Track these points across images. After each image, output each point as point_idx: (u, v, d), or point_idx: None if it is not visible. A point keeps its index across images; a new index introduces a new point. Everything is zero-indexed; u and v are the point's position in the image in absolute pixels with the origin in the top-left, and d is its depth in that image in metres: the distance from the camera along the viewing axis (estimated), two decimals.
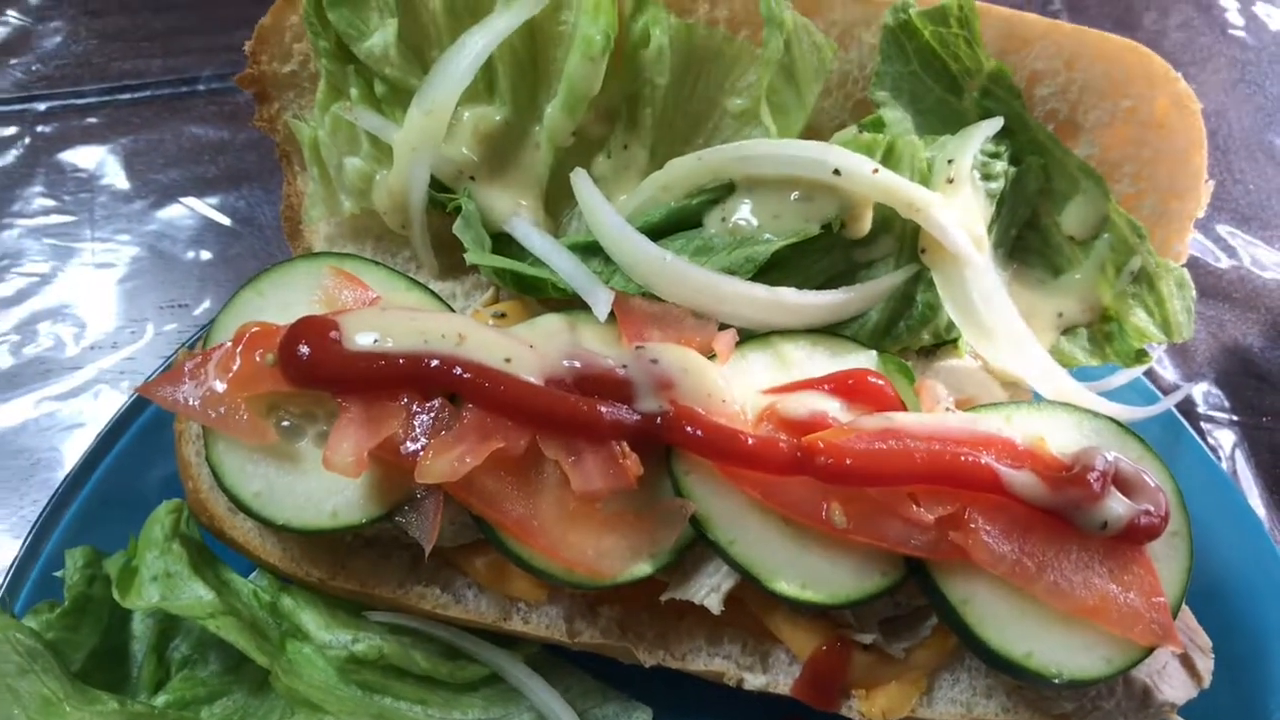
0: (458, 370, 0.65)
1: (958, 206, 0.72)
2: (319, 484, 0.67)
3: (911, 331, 0.76)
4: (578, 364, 0.67)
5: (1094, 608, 0.64)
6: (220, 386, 0.66)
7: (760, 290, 0.71)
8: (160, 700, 0.73)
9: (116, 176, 0.95)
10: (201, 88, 0.98)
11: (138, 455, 0.78)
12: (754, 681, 0.72)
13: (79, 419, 0.85)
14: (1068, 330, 0.78)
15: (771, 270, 0.73)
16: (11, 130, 0.96)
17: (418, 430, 0.65)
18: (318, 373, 0.65)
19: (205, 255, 0.89)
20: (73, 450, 0.81)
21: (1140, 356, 0.77)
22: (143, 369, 0.86)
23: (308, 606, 0.73)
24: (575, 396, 0.66)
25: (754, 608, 0.71)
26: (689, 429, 0.65)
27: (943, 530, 0.64)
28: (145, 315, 0.89)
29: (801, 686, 0.71)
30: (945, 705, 0.73)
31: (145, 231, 0.92)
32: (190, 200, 0.93)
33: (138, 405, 0.79)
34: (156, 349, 0.87)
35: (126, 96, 0.98)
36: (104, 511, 0.77)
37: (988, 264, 0.73)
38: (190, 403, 0.66)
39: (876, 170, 0.70)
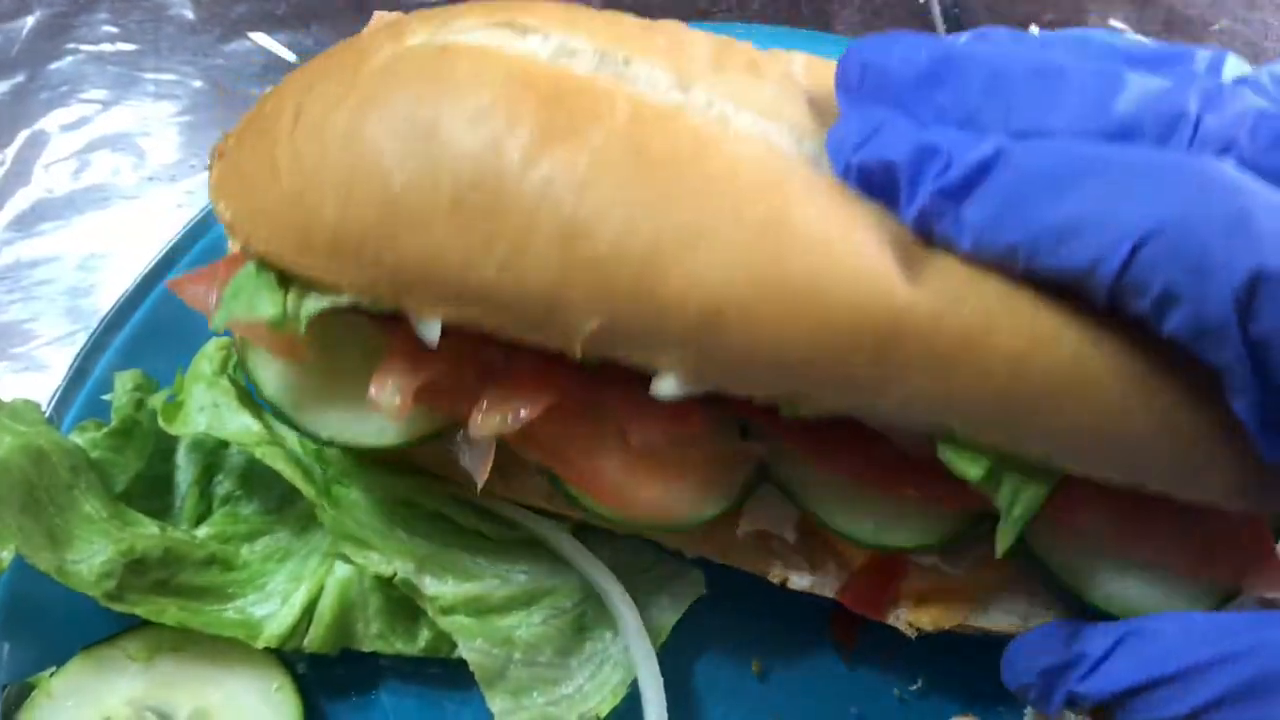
0: None
1: None
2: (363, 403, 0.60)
3: None
4: None
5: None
6: None
7: None
8: (201, 532, 0.71)
9: (184, 6, 0.92)
10: None
11: None
12: (799, 582, 0.66)
13: (133, 248, 0.83)
14: None
15: None
16: None
17: (469, 374, 0.59)
18: None
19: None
20: (125, 278, 0.79)
21: None
22: (201, 202, 0.83)
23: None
24: None
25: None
26: None
27: None
28: (205, 150, 0.86)
29: (849, 593, 0.67)
30: (1000, 615, 0.69)
31: (210, 65, 0.89)
32: (257, 35, 0.90)
33: (192, 235, 0.76)
34: None
35: None
36: (154, 339, 0.74)
37: None
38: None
39: None
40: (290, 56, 0.89)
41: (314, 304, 0.56)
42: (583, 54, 0.54)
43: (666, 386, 0.53)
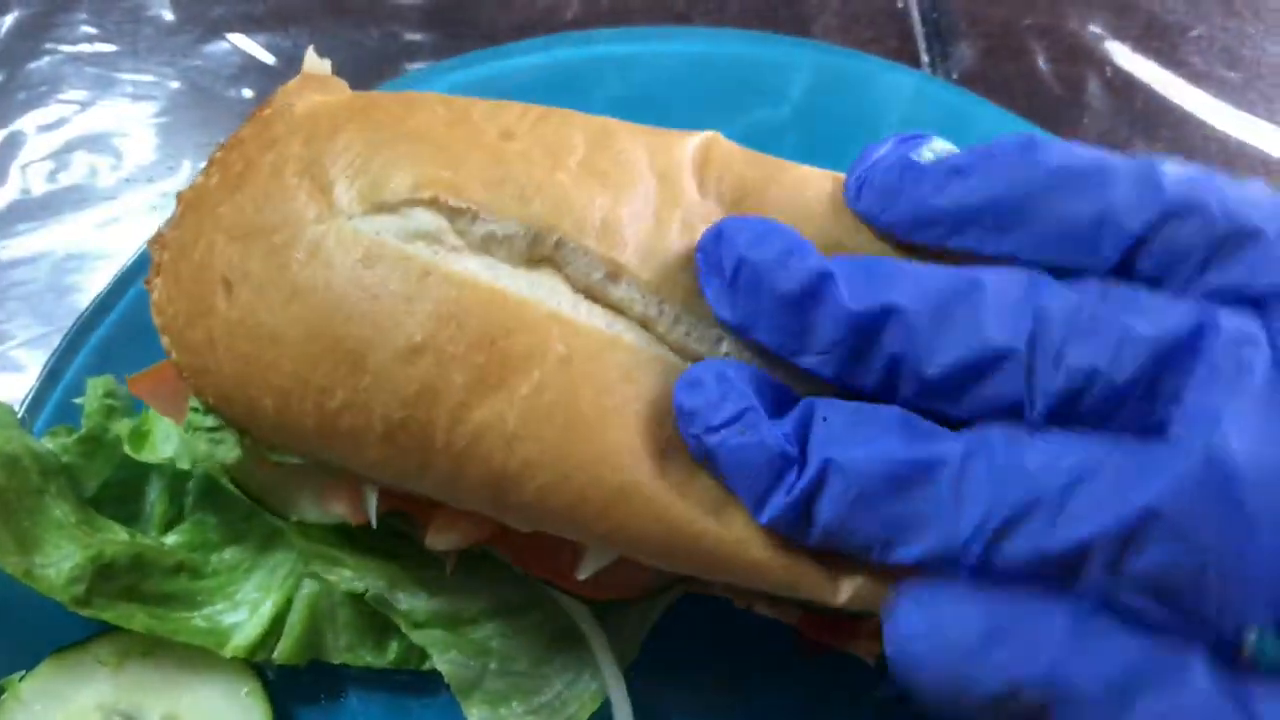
0: None
1: None
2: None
3: None
4: None
5: None
6: None
7: None
8: (170, 539, 0.71)
9: (162, 7, 0.92)
10: None
11: None
12: (763, 610, 0.67)
13: (110, 250, 0.83)
14: None
15: None
16: None
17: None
18: None
19: (247, 94, 0.86)
20: (101, 279, 0.79)
21: None
22: None
23: None
24: None
25: None
26: None
27: None
28: (183, 152, 0.86)
29: (808, 625, 0.66)
30: None
31: (188, 66, 0.89)
32: (236, 37, 0.90)
33: None
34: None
35: None
36: (128, 342, 0.75)
37: None
38: None
39: None
40: (269, 59, 0.88)
41: (273, 455, 0.60)
42: (515, 240, 0.52)
43: (587, 570, 0.59)
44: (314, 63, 0.63)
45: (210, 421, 0.61)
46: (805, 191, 0.53)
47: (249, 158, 0.57)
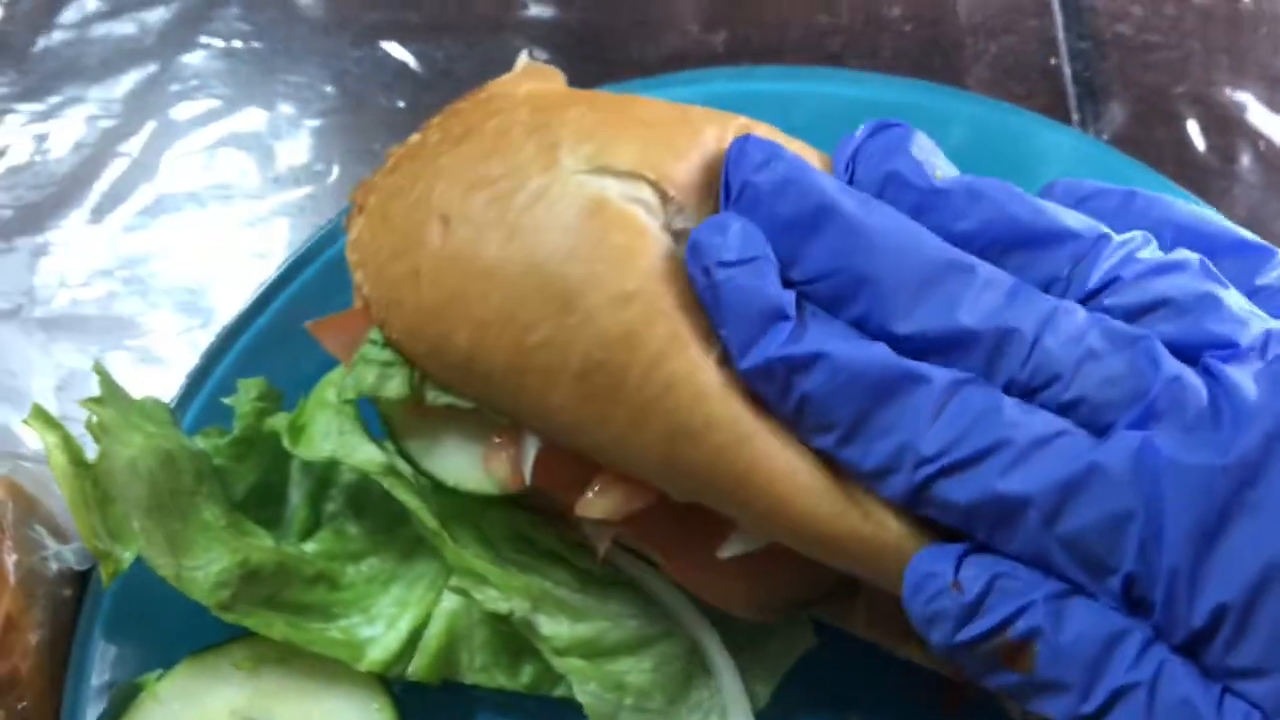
0: None
1: None
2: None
3: None
4: None
5: None
6: None
7: None
8: (309, 547, 0.71)
9: (317, 9, 0.92)
10: None
11: (316, 293, 0.75)
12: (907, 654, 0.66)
13: (254, 249, 0.83)
14: None
15: None
16: None
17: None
18: None
19: (399, 103, 0.86)
20: (244, 278, 0.79)
21: None
22: (325, 209, 0.84)
23: None
24: None
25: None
26: None
27: None
28: (332, 155, 0.86)
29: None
30: None
31: (340, 71, 0.89)
32: (389, 45, 0.90)
33: (320, 243, 0.76)
34: (341, 189, 0.85)
35: None
36: (277, 346, 0.75)
37: None
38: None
39: None
40: (420, 70, 0.89)
41: (441, 396, 0.60)
42: None
43: (733, 549, 0.59)
44: (529, 63, 0.65)
45: (384, 355, 0.61)
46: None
47: (469, 124, 0.60)
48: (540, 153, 0.56)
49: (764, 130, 0.59)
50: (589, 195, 0.54)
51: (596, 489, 0.60)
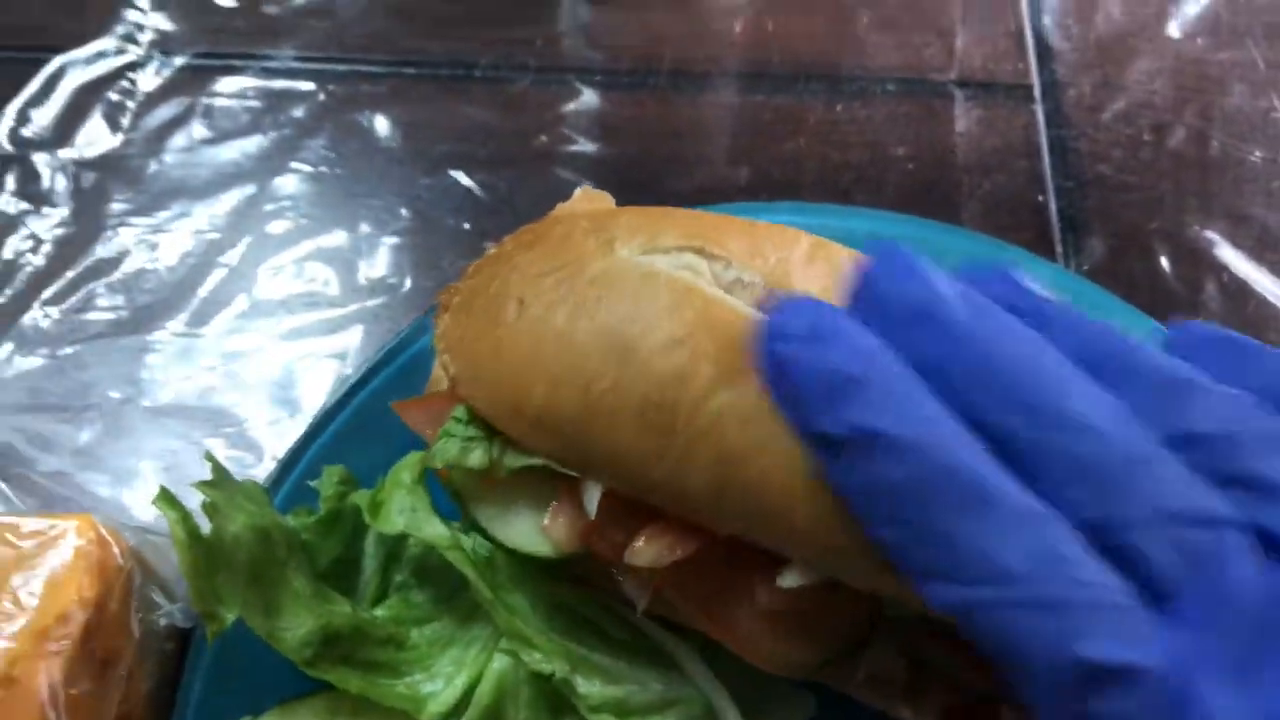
0: None
1: None
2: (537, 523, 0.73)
3: None
4: None
5: None
6: None
7: None
8: (380, 613, 0.82)
9: (393, 142, 1.05)
10: (478, 74, 1.07)
11: (392, 392, 0.86)
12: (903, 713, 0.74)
13: (336, 350, 0.95)
14: None
15: None
16: (309, 86, 1.07)
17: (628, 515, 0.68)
18: None
19: (465, 225, 0.98)
20: (327, 376, 0.91)
21: None
22: (398, 316, 0.95)
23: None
24: None
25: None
26: None
27: None
28: (405, 269, 0.98)
29: None
30: None
31: (413, 196, 1.02)
32: (456, 174, 1.02)
33: (394, 349, 0.88)
34: (412, 299, 0.96)
35: (410, 71, 1.07)
36: (357, 437, 0.86)
37: None
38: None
39: None
40: (485, 197, 1.01)
41: (514, 460, 0.70)
42: (755, 287, 0.65)
43: (790, 580, 0.64)
44: (586, 189, 0.80)
45: (467, 431, 0.72)
46: None
47: (539, 233, 0.73)
48: (599, 246, 0.68)
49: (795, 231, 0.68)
50: (642, 269, 0.65)
51: (644, 539, 0.68)
